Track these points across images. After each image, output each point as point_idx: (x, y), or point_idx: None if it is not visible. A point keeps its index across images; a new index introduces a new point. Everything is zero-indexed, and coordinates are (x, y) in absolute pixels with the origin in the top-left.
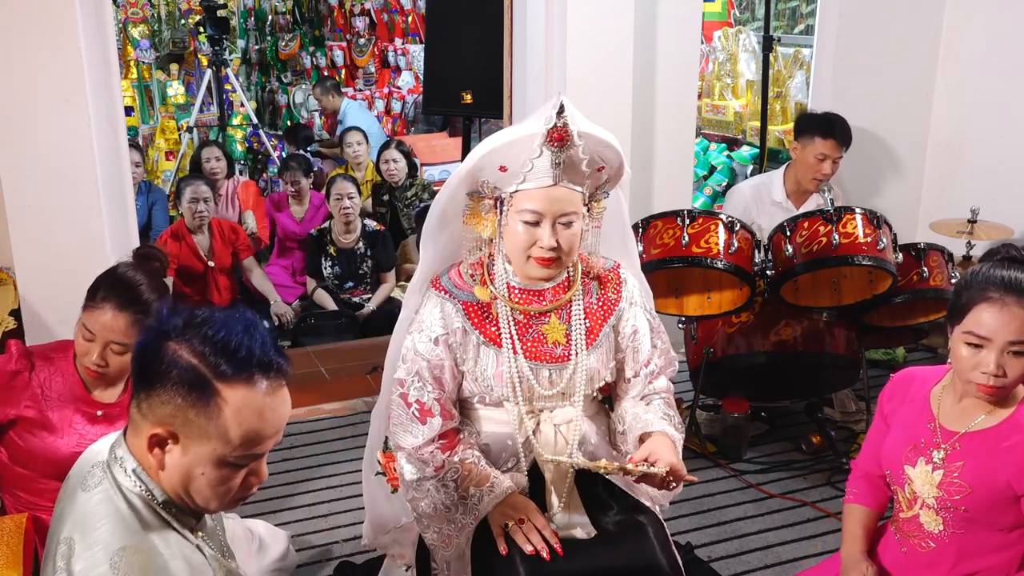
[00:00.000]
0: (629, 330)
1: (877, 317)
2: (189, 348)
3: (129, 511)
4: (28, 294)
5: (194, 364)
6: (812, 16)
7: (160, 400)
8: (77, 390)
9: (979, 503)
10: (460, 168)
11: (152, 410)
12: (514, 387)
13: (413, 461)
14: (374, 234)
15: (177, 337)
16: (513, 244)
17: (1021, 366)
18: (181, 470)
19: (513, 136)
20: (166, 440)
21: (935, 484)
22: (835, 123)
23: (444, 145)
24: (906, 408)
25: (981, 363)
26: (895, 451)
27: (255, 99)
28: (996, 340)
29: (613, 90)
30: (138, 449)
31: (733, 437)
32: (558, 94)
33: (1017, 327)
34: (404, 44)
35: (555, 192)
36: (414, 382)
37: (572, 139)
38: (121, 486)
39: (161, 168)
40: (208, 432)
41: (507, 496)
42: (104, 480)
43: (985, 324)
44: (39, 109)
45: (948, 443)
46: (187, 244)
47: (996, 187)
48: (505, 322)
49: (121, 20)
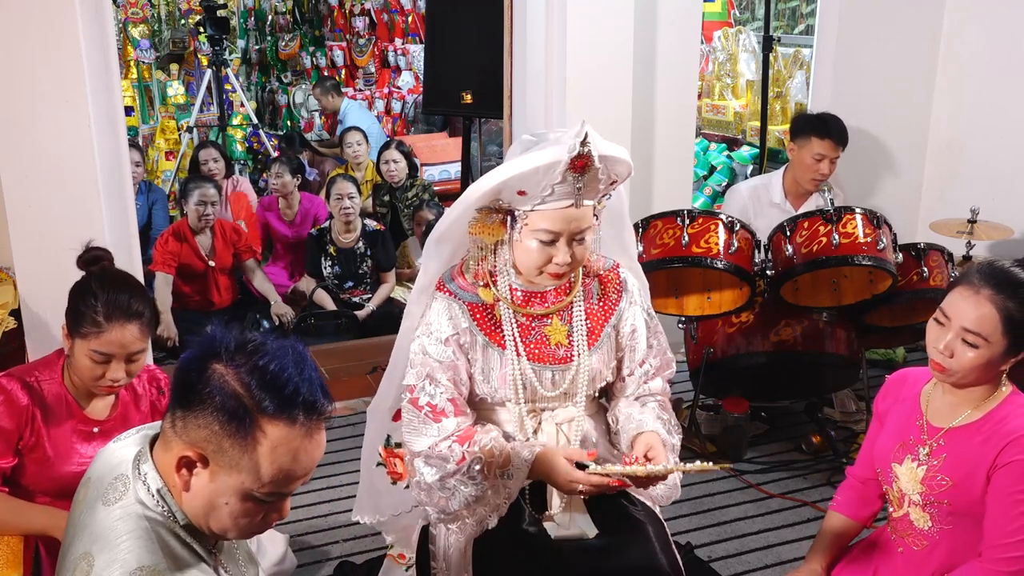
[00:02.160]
0: (628, 329)
1: (877, 317)
2: (236, 375)
3: (150, 531)
4: (28, 294)
5: (239, 392)
6: (812, 16)
7: (197, 422)
8: (70, 408)
9: (961, 496)
10: (476, 188)
11: (187, 430)
12: (517, 389)
13: (432, 462)
14: (374, 234)
15: (227, 361)
16: (527, 260)
17: (968, 360)
18: (205, 496)
19: (535, 164)
20: (195, 463)
21: (918, 480)
22: (830, 123)
23: (444, 145)
24: (898, 407)
25: (938, 340)
26: (885, 449)
27: (255, 99)
28: (954, 322)
29: (613, 90)
30: (165, 466)
31: (733, 437)
32: (583, 122)
33: (975, 317)
34: (404, 44)
35: (572, 212)
36: (424, 386)
37: (594, 164)
38: (144, 504)
39: (161, 168)
40: (240, 464)
41: (533, 466)
42: (126, 495)
43: (952, 304)
44: (39, 109)
45: (933, 439)
46: (188, 244)
47: (996, 187)
48: (508, 324)
49: (121, 20)
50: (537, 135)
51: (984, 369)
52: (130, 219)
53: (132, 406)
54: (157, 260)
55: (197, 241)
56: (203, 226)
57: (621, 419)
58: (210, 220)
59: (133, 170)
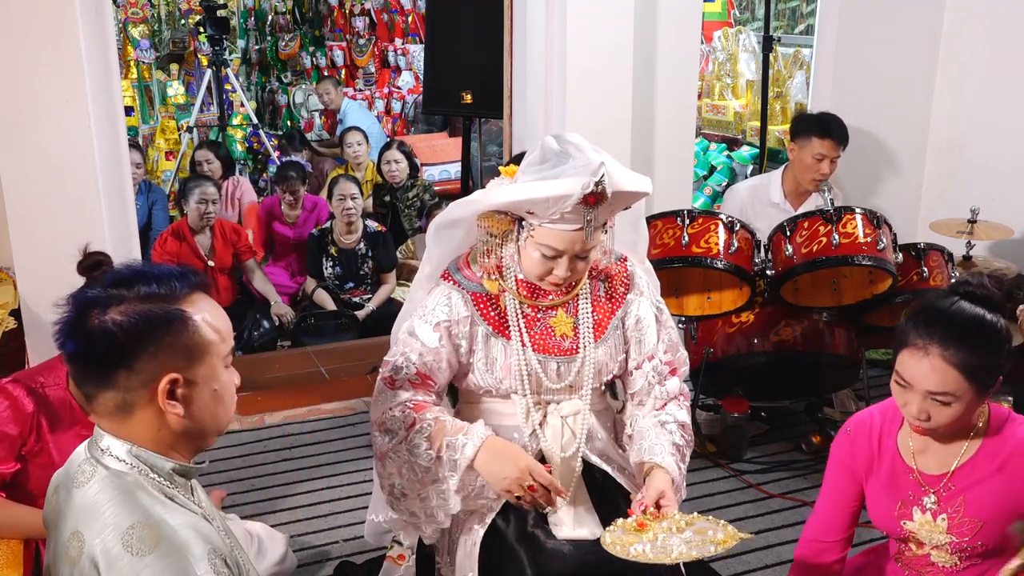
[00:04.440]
0: (633, 320)
1: (877, 317)
2: (127, 304)
3: (129, 493)
4: (28, 294)
5: (148, 308)
6: (812, 16)
7: (143, 361)
8: (74, 414)
9: (995, 533)
10: (481, 201)
11: (140, 375)
12: (522, 379)
13: (383, 431)
14: (375, 235)
15: (99, 309)
16: (528, 266)
17: (946, 415)
18: (205, 398)
19: (547, 193)
20: (177, 381)
21: (944, 531)
22: (831, 123)
23: (444, 145)
24: (878, 465)
25: (908, 403)
26: (885, 513)
27: (255, 99)
28: (916, 387)
29: (613, 90)
30: (132, 432)
31: (733, 437)
32: (600, 163)
33: (937, 379)
34: (404, 44)
35: (579, 235)
36: (397, 361)
37: (607, 199)
38: (117, 471)
39: (161, 168)
40: (201, 348)
41: (485, 440)
42: (96, 472)
43: (907, 369)
44: (39, 109)
45: (937, 487)
46: (188, 243)
47: (996, 187)
48: (513, 314)
49: (121, 20)
50: (561, 145)
51: (966, 414)
52: (130, 219)
53: None
54: (155, 260)
55: (196, 241)
56: (204, 225)
57: (637, 429)
58: (211, 219)
59: (134, 171)
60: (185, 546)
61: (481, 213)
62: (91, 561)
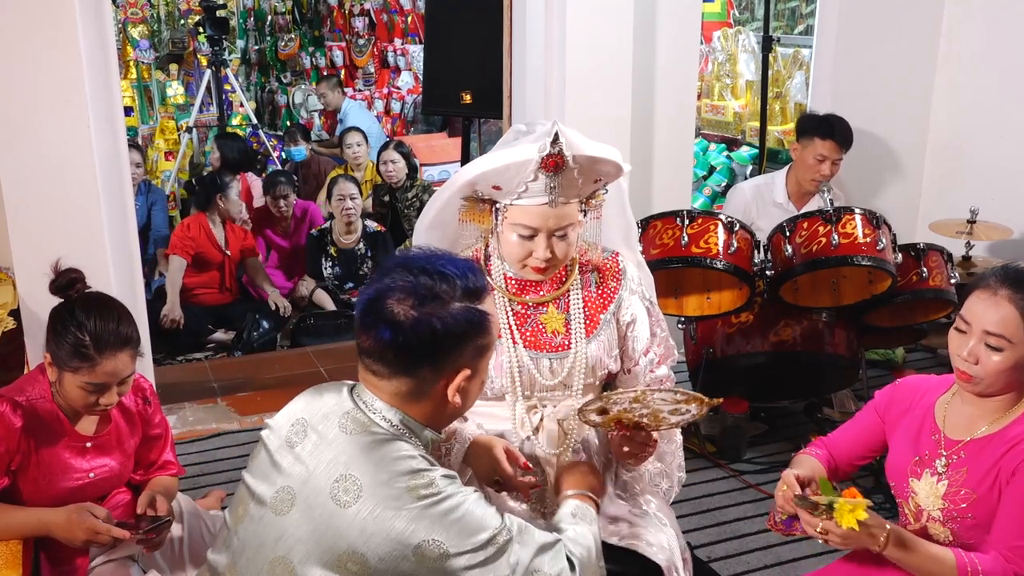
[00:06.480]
0: (628, 318)
1: (877, 317)
2: (448, 302)
3: (408, 445)
4: (28, 294)
5: (467, 310)
6: (812, 16)
7: (451, 358)
8: (62, 426)
9: (985, 509)
10: (452, 181)
11: (442, 371)
12: (514, 378)
13: None
14: (375, 235)
15: (397, 299)
16: (508, 252)
17: (994, 364)
18: (476, 389)
19: (507, 161)
20: (467, 377)
21: (939, 496)
22: (835, 125)
23: (444, 145)
24: (908, 419)
25: (961, 348)
26: (900, 464)
27: (255, 99)
28: (975, 326)
29: (613, 90)
30: (419, 412)
31: (733, 437)
32: (553, 122)
33: (996, 319)
34: (404, 44)
35: (549, 209)
36: None
37: (567, 164)
38: (389, 432)
39: (161, 168)
40: (490, 346)
41: (470, 442)
42: (372, 426)
43: (971, 309)
44: (39, 109)
45: (951, 451)
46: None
47: (996, 187)
48: (503, 313)
49: (121, 20)
50: (529, 125)
51: (1011, 374)
52: (129, 219)
53: (120, 416)
54: (175, 244)
55: (214, 232)
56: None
57: None
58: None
59: (134, 171)
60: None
61: (462, 211)
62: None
